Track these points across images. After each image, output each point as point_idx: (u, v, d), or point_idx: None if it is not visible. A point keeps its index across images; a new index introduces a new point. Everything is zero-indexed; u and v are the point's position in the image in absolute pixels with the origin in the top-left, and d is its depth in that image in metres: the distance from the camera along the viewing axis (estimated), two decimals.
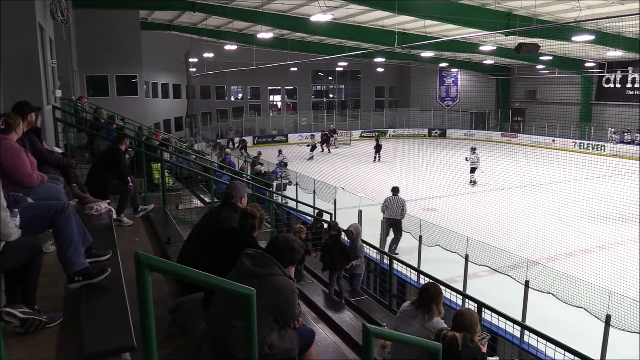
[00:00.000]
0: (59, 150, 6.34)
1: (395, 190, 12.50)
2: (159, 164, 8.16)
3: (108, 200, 5.51)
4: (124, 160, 6.59)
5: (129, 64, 23.57)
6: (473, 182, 21.50)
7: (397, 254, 11.45)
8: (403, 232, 12.07)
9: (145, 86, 25.35)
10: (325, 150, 32.97)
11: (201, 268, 2.24)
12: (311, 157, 29.78)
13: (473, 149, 21.75)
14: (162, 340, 3.38)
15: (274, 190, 15.65)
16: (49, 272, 3.51)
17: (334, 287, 7.60)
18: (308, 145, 31.89)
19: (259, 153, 21.85)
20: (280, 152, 23.95)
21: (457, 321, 3.82)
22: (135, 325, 2.51)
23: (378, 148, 29.45)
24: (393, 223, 12.27)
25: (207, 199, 10.07)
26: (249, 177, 13.18)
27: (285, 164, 22.50)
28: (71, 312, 3.10)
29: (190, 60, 34.07)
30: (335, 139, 35.66)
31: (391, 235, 12.36)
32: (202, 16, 24.77)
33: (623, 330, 6.90)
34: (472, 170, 21.52)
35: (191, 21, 26.48)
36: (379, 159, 29.18)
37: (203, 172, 10.47)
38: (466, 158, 21.73)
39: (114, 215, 5.46)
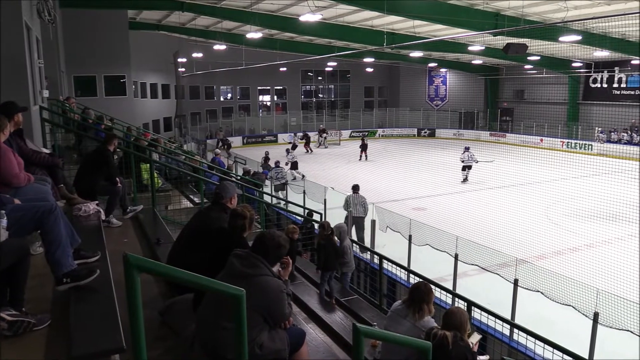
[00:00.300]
0: (46, 151, 6.28)
1: (355, 188, 12.61)
2: (148, 165, 8.12)
3: (97, 201, 5.47)
4: (113, 160, 6.54)
5: (117, 64, 23.41)
6: (464, 180, 21.81)
7: None
8: (391, 231, 12.08)
9: (133, 86, 25.20)
10: (308, 150, 32.93)
11: (191, 269, 2.23)
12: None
13: (466, 148, 22.05)
14: (151, 342, 3.37)
15: (274, 191, 15.78)
16: (36, 274, 3.48)
17: (324, 287, 7.61)
18: (289, 143, 31.85)
19: (267, 153, 21.87)
20: (288, 151, 23.96)
21: (448, 320, 3.83)
22: (125, 326, 2.50)
23: (364, 147, 29.71)
24: (356, 221, 12.32)
25: (196, 200, 10.05)
26: (238, 177, 13.15)
27: (296, 163, 22.61)
28: (60, 314, 3.08)
29: (179, 60, 33.91)
30: (325, 138, 35.69)
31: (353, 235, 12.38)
32: (190, 16, 24.65)
33: (611, 327, 6.96)
34: (464, 168, 21.89)
35: (180, 21, 26.35)
36: (366, 158, 29.40)
37: (192, 172, 10.43)
38: (461, 159, 21.96)
39: (103, 217, 5.42)
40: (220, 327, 2.93)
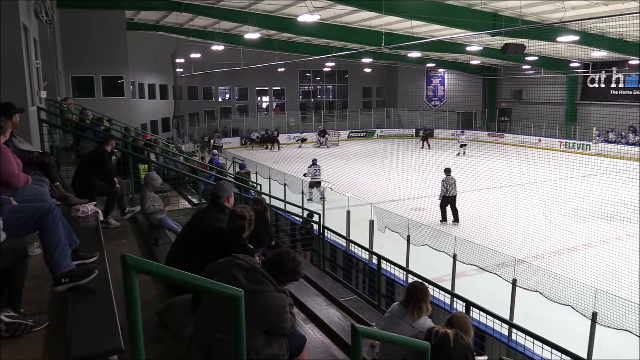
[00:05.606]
0: (38, 150, 6.26)
1: (447, 170, 15.87)
2: (146, 165, 8.12)
3: (95, 202, 5.46)
4: (110, 161, 6.54)
5: (115, 65, 23.34)
6: None
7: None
8: (389, 231, 12.07)
9: (131, 87, 25.14)
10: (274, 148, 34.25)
11: (189, 269, 2.23)
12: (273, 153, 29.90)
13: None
14: (149, 343, 3.36)
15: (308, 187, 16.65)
16: (34, 275, 3.47)
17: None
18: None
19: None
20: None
21: (452, 321, 3.89)
22: (123, 327, 2.49)
23: (425, 137, 33.80)
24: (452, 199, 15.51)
25: (194, 200, 10.03)
26: (233, 176, 13.13)
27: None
28: (57, 316, 3.07)
29: (177, 60, 33.88)
30: (326, 139, 36.00)
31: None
32: (188, 16, 24.64)
33: (609, 327, 6.97)
34: None
35: (178, 21, 26.34)
36: (429, 147, 33.13)
37: (191, 173, 10.41)
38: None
39: (101, 217, 5.41)
40: (217, 338, 2.88)
